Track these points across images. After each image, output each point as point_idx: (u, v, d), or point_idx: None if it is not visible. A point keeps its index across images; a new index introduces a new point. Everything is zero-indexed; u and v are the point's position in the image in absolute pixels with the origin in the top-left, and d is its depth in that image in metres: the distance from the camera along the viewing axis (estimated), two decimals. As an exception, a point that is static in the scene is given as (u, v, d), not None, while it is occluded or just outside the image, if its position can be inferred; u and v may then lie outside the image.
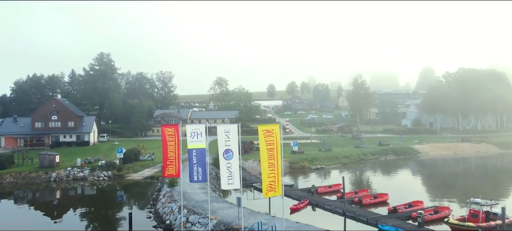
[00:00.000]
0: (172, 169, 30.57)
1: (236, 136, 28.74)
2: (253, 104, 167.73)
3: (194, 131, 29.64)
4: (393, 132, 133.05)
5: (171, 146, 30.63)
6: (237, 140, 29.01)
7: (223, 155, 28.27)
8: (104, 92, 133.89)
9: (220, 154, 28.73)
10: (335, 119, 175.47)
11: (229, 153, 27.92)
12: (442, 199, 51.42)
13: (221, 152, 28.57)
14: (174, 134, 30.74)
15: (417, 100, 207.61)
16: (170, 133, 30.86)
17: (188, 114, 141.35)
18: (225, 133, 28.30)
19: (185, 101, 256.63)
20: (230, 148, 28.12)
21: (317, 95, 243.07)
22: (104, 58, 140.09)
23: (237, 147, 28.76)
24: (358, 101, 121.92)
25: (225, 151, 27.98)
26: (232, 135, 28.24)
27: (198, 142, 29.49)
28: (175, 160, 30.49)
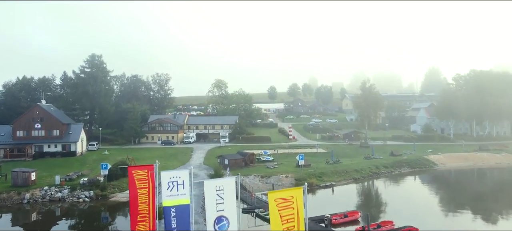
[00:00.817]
0: (144, 225, 21.90)
1: (233, 194, 19.18)
2: (253, 108, 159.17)
3: (172, 179, 20.78)
4: (403, 139, 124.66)
5: (142, 196, 21.94)
6: (236, 196, 19.73)
7: (214, 225, 18.82)
8: (95, 96, 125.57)
9: (208, 221, 19.17)
10: (340, 124, 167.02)
11: (223, 222, 18.48)
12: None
13: (210, 220, 18.96)
14: (147, 179, 22.11)
15: (425, 103, 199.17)
16: (142, 178, 22.20)
17: (185, 120, 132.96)
18: (217, 191, 18.64)
19: (183, 104, 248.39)
20: (224, 214, 18.75)
21: (319, 98, 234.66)
22: (95, 60, 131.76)
23: (234, 210, 19.22)
24: (367, 107, 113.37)
25: (218, 220, 18.61)
26: (228, 194, 18.69)
27: (179, 196, 20.63)
28: (149, 214, 21.86)
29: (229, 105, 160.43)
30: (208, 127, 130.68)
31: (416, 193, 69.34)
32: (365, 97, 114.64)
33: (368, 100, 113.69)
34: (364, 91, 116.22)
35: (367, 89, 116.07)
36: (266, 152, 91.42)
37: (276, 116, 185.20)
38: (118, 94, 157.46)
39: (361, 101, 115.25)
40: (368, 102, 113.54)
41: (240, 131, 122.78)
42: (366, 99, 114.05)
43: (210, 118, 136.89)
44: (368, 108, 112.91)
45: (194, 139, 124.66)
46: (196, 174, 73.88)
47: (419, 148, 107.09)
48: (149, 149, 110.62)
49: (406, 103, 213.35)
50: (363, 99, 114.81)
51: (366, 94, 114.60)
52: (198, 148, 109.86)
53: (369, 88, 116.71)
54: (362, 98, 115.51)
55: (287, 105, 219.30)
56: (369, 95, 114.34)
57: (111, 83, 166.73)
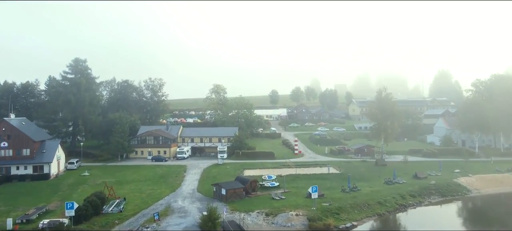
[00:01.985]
0: None
1: None
2: (254, 115, 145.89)
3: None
4: (422, 153, 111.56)
5: None
6: None
7: None
8: (78, 106, 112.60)
9: None
10: (348, 133, 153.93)
11: None
12: None
13: None
14: None
15: (438, 110, 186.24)
16: None
17: (179, 131, 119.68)
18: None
19: (180, 109, 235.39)
20: None
21: (324, 102, 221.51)
22: (79, 65, 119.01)
23: None
24: (383, 120, 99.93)
25: None
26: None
27: None
28: None
29: (228, 113, 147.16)
30: (204, 140, 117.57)
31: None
32: (381, 108, 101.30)
33: (385, 111, 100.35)
34: (379, 101, 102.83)
35: (383, 98, 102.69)
36: (271, 176, 78.20)
37: (279, 124, 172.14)
38: (105, 104, 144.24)
39: (377, 113, 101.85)
40: (385, 114, 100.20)
41: (240, 145, 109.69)
42: (382, 110, 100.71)
43: (206, 129, 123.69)
44: (384, 121, 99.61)
45: (188, 154, 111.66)
46: (186, 210, 60.77)
47: (443, 165, 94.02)
48: (137, 167, 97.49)
49: (416, 109, 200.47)
50: (379, 110, 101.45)
51: (382, 105, 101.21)
52: (192, 166, 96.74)
53: (386, 97, 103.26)
54: (377, 109, 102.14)
55: (290, 111, 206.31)
56: (385, 106, 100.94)
57: (99, 89, 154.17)
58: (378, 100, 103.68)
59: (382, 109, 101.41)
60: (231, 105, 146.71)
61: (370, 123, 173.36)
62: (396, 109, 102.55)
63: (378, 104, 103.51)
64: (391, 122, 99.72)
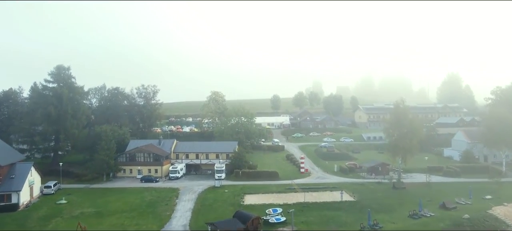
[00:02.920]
0: None
1: None
2: (255, 126, 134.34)
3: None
4: (443, 172, 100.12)
5: None
6: None
7: None
8: (60, 119, 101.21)
9: None
10: (357, 145, 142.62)
11: None
12: None
13: None
14: None
15: (452, 118, 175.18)
16: None
17: (172, 146, 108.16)
18: None
19: (176, 115, 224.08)
20: None
21: (328, 107, 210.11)
22: (62, 73, 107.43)
23: None
24: (402, 138, 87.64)
25: None
26: None
27: None
28: None
29: (227, 122, 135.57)
30: (200, 156, 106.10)
31: None
32: (399, 123, 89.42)
33: (404, 127, 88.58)
34: (396, 115, 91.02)
35: (401, 112, 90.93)
36: (276, 210, 66.76)
37: (281, 133, 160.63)
38: (94, 114, 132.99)
39: (394, 129, 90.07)
40: (403, 130, 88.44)
41: (239, 163, 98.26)
42: (400, 126, 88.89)
43: (203, 144, 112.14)
44: (402, 138, 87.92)
45: (183, 172, 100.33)
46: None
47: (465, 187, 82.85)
48: (123, 190, 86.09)
49: (427, 116, 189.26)
50: (396, 126, 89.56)
51: (400, 120, 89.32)
52: (186, 190, 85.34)
53: (404, 111, 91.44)
54: (395, 125, 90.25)
55: (293, 119, 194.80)
56: (403, 120, 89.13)
57: (88, 97, 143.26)
58: (395, 114, 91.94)
59: (400, 124, 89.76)
60: (230, 114, 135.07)
61: (379, 133, 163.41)
62: (416, 125, 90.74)
63: (394, 119, 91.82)
64: (410, 139, 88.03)
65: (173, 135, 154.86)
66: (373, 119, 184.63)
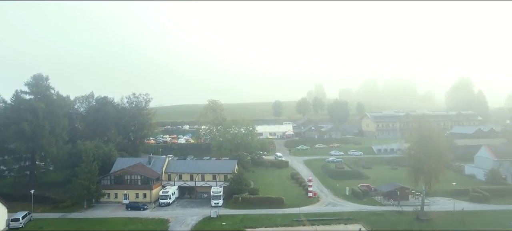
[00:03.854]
0: None
1: None
2: (256, 141, 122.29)
3: None
4: (468, 196, 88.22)
5: None
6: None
7: None
8: (36, 136, 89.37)
9: None
10: (367, 158, 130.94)
11: None
12: None
13: None
14: None
15: (467, 128, 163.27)
16: None
17: (164, 166, 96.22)
18: None
19: (172, 121, 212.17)
20: None
21: (333, 115, 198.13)
22: (39, 83, 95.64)
23: None
24: (427, 160, 75.39)
25: None
26: None
27: None
28: None
29: (226, 133, 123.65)
30: (195, 177, 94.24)
31: None
32: (423, 142, 77.36)
33: (429, 147, 76.55)
34: (421, 133, 78.89)
35: (427, 129, 78.78)
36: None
37: (284, 145, 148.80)
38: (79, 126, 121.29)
39: (417, 149, 78.01)
40: (427, 151, 76.47)
41: (239, 187, 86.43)
42: (424, 146, 76.83)
43: (198, 163, 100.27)
44: (427, 161, 76.07)
45: (175, 196, 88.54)
46: None
47: (504, 217, 71.33)
48: (104, 221, 74.43)
49: (439, 124, 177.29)
50: (420, 147, 77.52)
51: (425, 138, 77.22)
52: (177, 222, 73.51)
53: (429, 127, 79.29)
54: (418, 144, 78.23)
55: (296, 127, 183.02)
56: (428, 141, 77.16)
57: (75, 106, 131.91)
58: (419, 131, 80.00)
59: (424, 144, 77.76)
60: (229, 125, 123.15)
61: (389, 143, 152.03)
62: (443, 146, 78.72)
63: (418, 138, 79.85)
64: (436, 162, 76.11)
65: (167, 146, 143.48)
66: (382, 127, 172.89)
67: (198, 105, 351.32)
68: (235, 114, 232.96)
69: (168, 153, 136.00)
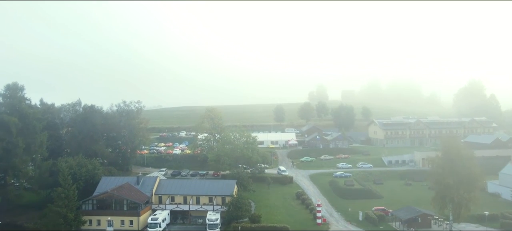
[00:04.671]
0: None
1: None
2: (257, 151, 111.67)
3: None
4: (500, 223, 77.75)
5: None
6: None
7: None
8: (9, 154, 78.82)
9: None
10: (377, 172, 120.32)
11: None
12: None
13: None
14: None
15: (483, 136, 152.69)
16: None
17: (154, 186, 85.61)
18: None
19: (169, 127, 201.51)
20: None
21: (338, 120, 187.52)
22: (13, 94, 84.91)
23: None
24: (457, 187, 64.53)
25: None
26: None
27: None
28: None
29: (225, 144, 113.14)
30: (189, 199, 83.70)
31: None
32: (453, 169, 66.41)
33: (460, 175, 65.69)
34: (450, 156, 68.10)
35: (456, 151, 68.08)
36: None
37: (287, 155, 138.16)
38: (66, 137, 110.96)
39: (446, 177, 67.14)
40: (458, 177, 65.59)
41: (238, 213, 76.01)
42: (455, 173, 65.87)
43: (192, 184, 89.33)
44: (457, 188, 65.46)
45: (166, 223, 78.21)
46: None
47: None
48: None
49: (451, 132, 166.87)
50: (450, 173, 66.49)
51: (454, 162, 66.53)
52: (166, 259, 63.09)
53: (459, 152, 68.37)
54: (447, 171, 67.16)
55: (299, 134, 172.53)
56: (459, 166, 66.27)
57: (61, 115, 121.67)
58: (447, 154, 69.39)
59: (454, 170, 67.02)
60: (227, 139, 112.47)
61: (400, 153, 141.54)
62: (476, 171, 68.08)
63: (446, 162, 69.22)
64: (468, 190, 65.50)
65: (160, 158, 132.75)
66: (391, 135, 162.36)
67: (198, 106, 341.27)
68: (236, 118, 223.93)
69: (161, 166, 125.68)
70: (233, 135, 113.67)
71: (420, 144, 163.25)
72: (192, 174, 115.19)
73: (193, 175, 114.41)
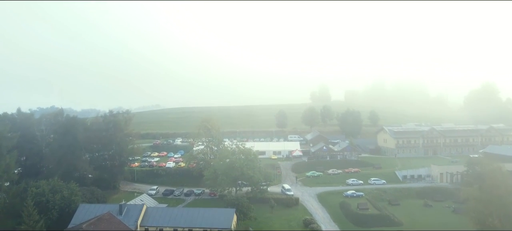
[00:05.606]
0: None
1: None
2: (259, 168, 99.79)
3: None
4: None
5: None
6: None
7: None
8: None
9: None
10: (391, 189, 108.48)
11: None
12: None
13: None
14: None
15: (504, 147, 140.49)
16: None
17: (140, 217, 73.53)
18: None
19: (164, 133, 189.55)
20: None
21: (344, 127, 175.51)
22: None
23: None
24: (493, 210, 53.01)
25: None
26: None
27: None
28: None
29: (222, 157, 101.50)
30: (180, 233, 71.73)
31: None
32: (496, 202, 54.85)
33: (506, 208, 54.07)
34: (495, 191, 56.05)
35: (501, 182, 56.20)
36: None
37: (292, 169, 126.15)
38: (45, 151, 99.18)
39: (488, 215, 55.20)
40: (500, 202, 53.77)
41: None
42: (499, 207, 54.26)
43: (185, 212, 77.17)
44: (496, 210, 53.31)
45: (152, 263, 66.18)
46: None
47: None
48: None
49: (467, 141, 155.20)
50: (491, 208, 54.84)
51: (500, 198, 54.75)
52: None
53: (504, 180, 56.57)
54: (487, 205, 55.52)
55: (303, 141, 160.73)
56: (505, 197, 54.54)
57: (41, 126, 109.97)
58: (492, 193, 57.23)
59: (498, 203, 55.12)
60: (225, 154, 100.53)
61: (416, 166, 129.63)
62: None
63: (488, 195, 57.22)
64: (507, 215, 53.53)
65: (152, 172, 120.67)
66: (403, 144, 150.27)
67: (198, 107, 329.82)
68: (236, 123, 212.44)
69: (153, 181, 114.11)
70: (231, 149, 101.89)
71: (434, 154, 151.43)
72: (187, 193, 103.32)
73: (188, 195, 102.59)
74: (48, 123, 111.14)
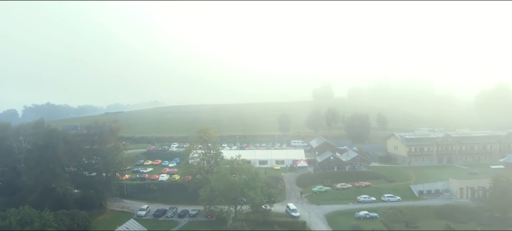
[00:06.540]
0: None
1: None
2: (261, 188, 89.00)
3: None
4: None
5: None
6: None
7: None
8: None
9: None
10: (407, 207, 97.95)
11: None
12: None
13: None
14: None
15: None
16: None
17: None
18: None
19: (160, 137, 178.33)
20: None
21: (351, 132, 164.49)
22: None
23: None
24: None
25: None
26: None
27: None
28: None
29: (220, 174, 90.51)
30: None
31: None
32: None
33: None
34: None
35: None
36: None
37: (296, 182, 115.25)
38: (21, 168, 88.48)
39: None
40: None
41: None
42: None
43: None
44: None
45: None
46: None
47: None
48: None
49: (485, 148, 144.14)
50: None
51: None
52: None
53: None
54: None
55: (307, 148, 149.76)
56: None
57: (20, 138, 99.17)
58: None
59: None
60: (223, 173, 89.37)
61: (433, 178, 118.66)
62: None
63: None
64: None
65: (144, 187, 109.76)
66: (415, 152, 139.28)
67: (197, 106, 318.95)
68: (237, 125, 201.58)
69: (144, 197, 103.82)
70: (231, 167, 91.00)
71: (449, 162, 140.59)
72: (180, 214, 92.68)
73: (181, 216, 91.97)
74: (27, 133, 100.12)
